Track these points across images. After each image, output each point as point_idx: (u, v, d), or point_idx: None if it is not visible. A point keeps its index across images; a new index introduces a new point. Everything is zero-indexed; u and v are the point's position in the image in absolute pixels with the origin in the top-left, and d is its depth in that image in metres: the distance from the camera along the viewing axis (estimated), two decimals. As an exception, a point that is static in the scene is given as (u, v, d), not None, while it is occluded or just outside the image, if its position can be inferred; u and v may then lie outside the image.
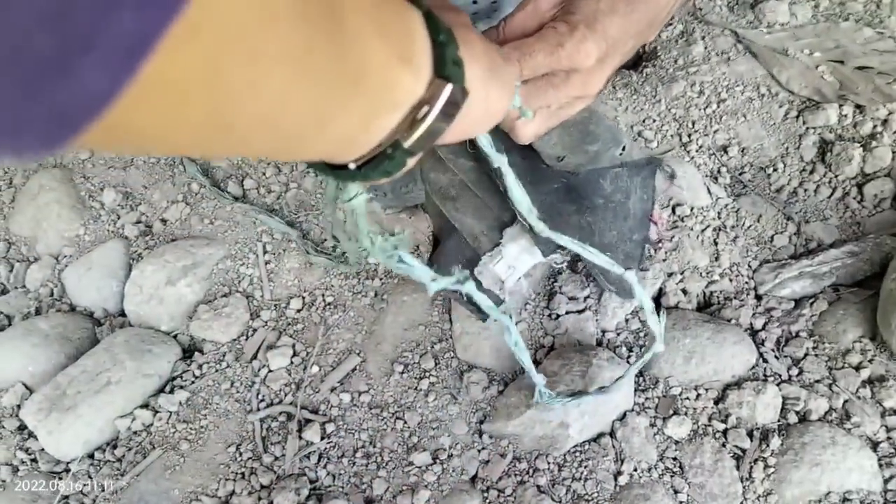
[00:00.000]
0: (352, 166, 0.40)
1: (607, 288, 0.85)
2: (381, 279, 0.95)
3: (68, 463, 0.85)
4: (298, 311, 0.94)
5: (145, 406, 0.87)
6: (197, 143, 0.26)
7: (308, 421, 0.85)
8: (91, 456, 0.85)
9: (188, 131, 0.24)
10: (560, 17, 0.57)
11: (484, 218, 0.80)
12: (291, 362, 0.89)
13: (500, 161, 0.63)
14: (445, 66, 0.38)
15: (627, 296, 0.85)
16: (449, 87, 0.38)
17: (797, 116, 1.03)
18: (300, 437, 0.83)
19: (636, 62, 1.15)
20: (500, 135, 0.70)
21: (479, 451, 0.81)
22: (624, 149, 0.81)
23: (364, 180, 0.41)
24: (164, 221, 1.03)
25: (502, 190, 0.72)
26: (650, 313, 0.72)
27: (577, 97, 0.60)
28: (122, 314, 0.97)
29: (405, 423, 0.83)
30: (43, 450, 0.85)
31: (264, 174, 1.06)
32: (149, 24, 0.18)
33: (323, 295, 0.94)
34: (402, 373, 0.87)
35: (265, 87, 0.25)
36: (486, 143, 0.62)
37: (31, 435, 0.86)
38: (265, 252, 0.98)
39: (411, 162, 0.42)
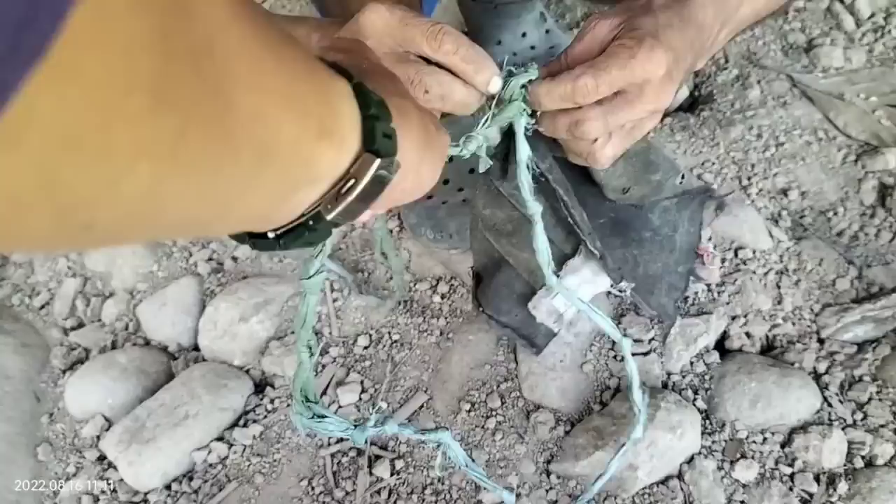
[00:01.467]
0: (270, 235, 0.38)
1: (649, 312, 0.87)
2: (446, 318, 0.97)
3: (146, 494, 0.88)
4: (366, 348, 0.96)
5: (220, 439, 0.90)
6: (55, 244, 0.25)
7: (378, 457, 0.87)
8: (168, 487, 0.88)
9: (38, 236, 0.22)
10: (624, 35, 0.58)
11: None
12: (360, 398, 0.92)
13: (535, 209, 0.65)
14: (375, 140, 0.37)
15: (669, 319, 0.88)
16: (377, 162, 0.36)
17: (856, 160, 1.04)
18: (370, 473, 0.86)
19: (692, 105, 1.17)
20: (560, 167, 0.72)
21: (546, 490, 0.82)
22: (683, 177, 0.83)
23: (284, 249, 0.39)
24: (234, 259, 1.06)
25: (572, 222, 0.74)
26: (636, 389, 0.74)
27: (651, 112, 0.60)
28: (196, 348, 1.00)
29: (474, 460, 0.85)
30: (122, 480, 0.88)
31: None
32: None
33: (389, 332, 0.97)
34: (469, 411, 0.89)
35: (125, 185, 0.22)
36: (525, 188, 0.63)
37: (111, 465, 0.90)
38: (332, 290, 1.01)
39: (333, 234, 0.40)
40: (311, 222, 0.37)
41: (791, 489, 0.80)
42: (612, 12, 0.61)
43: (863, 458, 0.82)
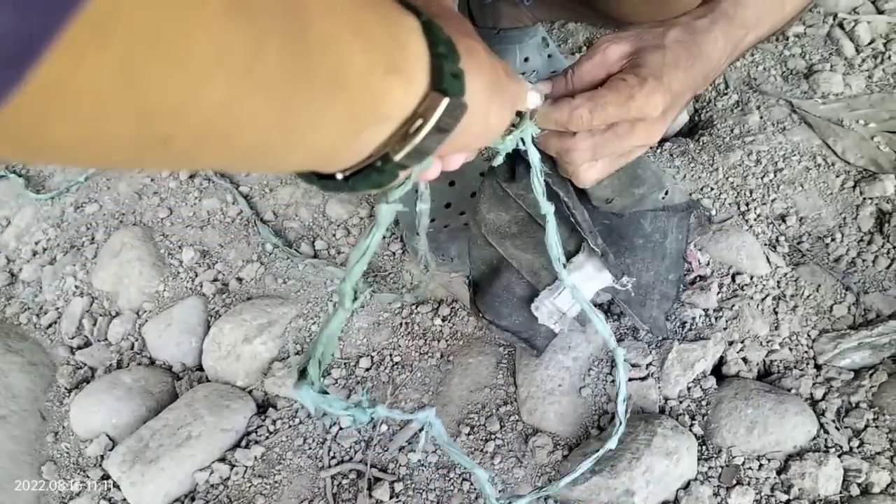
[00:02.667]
0: (339, 176, 0.38)
1: (641, 327, 0.88)
2: (446, 341, 0.99)
3: (149, 513, 0.89)
4: (367, 369, 0.97)
5: (223, 460, 0.91)
6: (132, 157, 0.25)
7: (378, 479, 0.88)
8: (170, 507, 0.89)
9: (117, 145, 0.23)
10: (629, 70, 0.59)
11: (546, 252, 0.82)
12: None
13: (547, 209, 0.66)
14: (444, 79, 0.37)
15: (661, 333, 0.89)
16: (445, 102, 0.36)
17: (854, 186, 1.05)
18: (370, 496, 0.87)
19: (692, 130, 1.18)
20: (563, 183, 0.74)
21: (544, 514, 0.83)
22: (666, 193, 0.84)
23: (352, 191, 0.39)
24: (239, 280, 1.08)
25: (574, 221, 0.76)
26: (621, 399, 0.75)
27: (639, 146, 0.62)
28: (200, 368, 1.02)
29: (471, 484, 0.86)
30: (125, 500, 0.89)
31: (334, 236, 1.11)
32: (31, 27, 0.16)
33: (391, 354, 0.98)
34: (469, 434, 0.90)
35: (203, 96, 0.23)
36: (538, 191, 0.65)
37: (115, 485, 0.91)
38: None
39: (404, 174, 0.40)
40: (379, 163, 0.37)
41: (787, 516, 0.80)
42: (626, 37, 0.61)
43: (859, 485, 0.82)
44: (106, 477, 0.92)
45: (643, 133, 0.59)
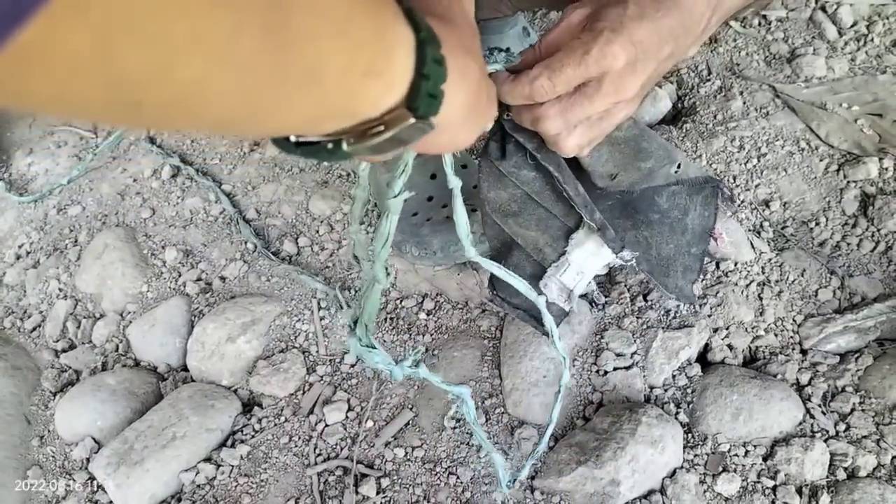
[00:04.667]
0: (292, 138, 0.39)
1: (667, 295, 0.86)
2: (431, 335, 0.98)
3: (135, 515, 0.88)
4: (352, 366, 0.97)
5: (208, 460, 0.91)
6: (105, 115, 0.26)
7: (364, 475, 0.88)
8: (157, 508, 0.89)
9: (92, 103, 0.24)
10: (586, 28, 0.58)
11: (548, 228, 0.80)
12: (347, 417, 0.93)
13: (454, 183, 0.65)
14: (418, 98, 0.37)
15: (688, 301, 0.88)
16: (411, 121, 0.37)
17: (838, 170, 1.05)
18: (357, 492, 0.86)
19: (675, 117, 1.18)
20: (553, 157, 0.73)
21: (531, 506, 0.83)
22: (679, 166, 0.82)
23: (300, 156, 0.40)
24: (223, 279, 1.07)
25: (566, 195, 0.74)
26: (557, 340, 0.75)
27: (614, 103, 0.60)
28: (185, 369, 1.01)
29: (458, 478, 0.86)
30: (111, 502, 0.89)
31: (317, 232, 1.10)
32: None
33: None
34: (454, 428, 0.89)
35: (175, 73, 0.24)
36: (448, 163, 0.64)
37: (101, 488, 0.90)
38: (320, 308, 1.01)
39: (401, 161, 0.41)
40: (330, 146, 0.38)
41: (773, 502, 0.80)
42: (590, 0, 0.61)
43: (845, 469, 0.82)
44: (92, 479, 0.92)
45: (611, 88, 0.58)
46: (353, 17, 0.32)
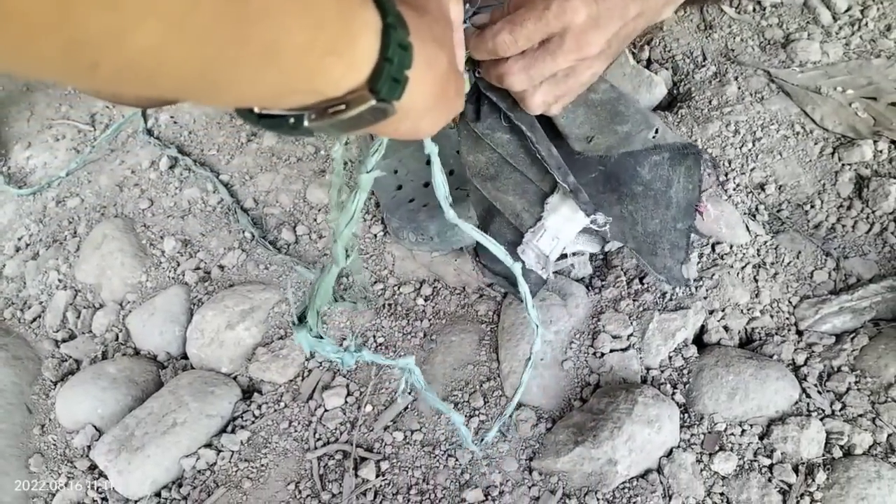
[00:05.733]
0: (256, 110, 0.39)
1: (657, 277, 0.86)
2: (429, 320, 0.99)
3: (137, 502, 0.89)
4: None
5: (209, 446, 0.91)
6: (64, 75, 0.26)
7: (363, 459, 0.88)
8: (158, 495, 0.89)
9: (49, 62, 0.24)
10: None
11: (525, 193, 0.80)
12: (346, 402, 0.93)
13: (430, 148, 0.64)
14: (379, 81, 0.38)
15: (677, 283, 0.88)
16: (371, 103, 0.38)
17: (832, 153, 1.05)
18: (356, 475, 0.87)
19: (671, 103, 1.18)
20: (526, 117, 0.73)
21: (529, 487, 0.83)
22: (657, 131, 0.80)
23: (262, 129, 0.41)
24: (221, 268, 1.08)
25: (539, 157, 0.74)
26: (531, 307, 0.75)
27: (579, 59, 0.60)
28: (185, 357, 1.02)
29: (457, 460, 0.86)
30: (113, 489, 0.89)
31: (315, 220, 1.11)
32: None
33: (374, 336, 0.98)
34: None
35: (131, 39, 0.25)
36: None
37: (102, 475, 0.91)
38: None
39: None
40: (292, 120, 0.38)
41: (770, 480, 0.80)
42: None
43: (841, 447, 0.82)
44: (93, 467, 0.93)
45: (573, 44, 0.58)
46: (318, 1, 0.32)
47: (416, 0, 0.44)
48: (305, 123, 0.38)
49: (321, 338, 0.61)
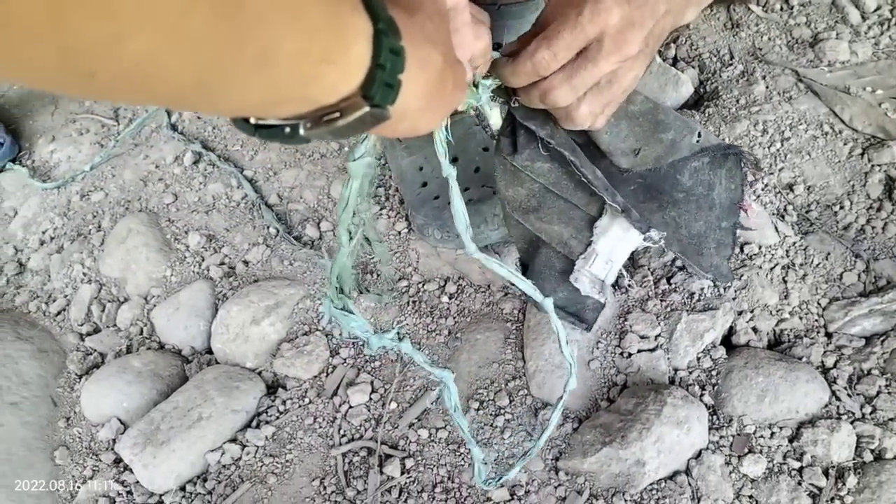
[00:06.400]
0: (252, 120, 0.39)
1: (703, 276, 0.85)
2: (454, 318, 0.98)
3: (162, 495, 0.89)
4: (376, 348, 0.97)
5: (234, 441, 0.91)
6: (58, 84, 0.27)
7: (388, 456, 0.88)
8: (183, 489, 0.89)
9: (45, 71, 0.25)
10: None
11: (571, 220, 0.80)
12: (370, 398, 0.93)
13: (448, 171, 0.64)
14: (373, 87, 0.38)
15: (724, 280, 0.87)
16: (366, 109, 0.38)
17: (862, 154, 1.04)
18: (381, 472, 0.87)
19: (698, 102, 1.17)
20: (571, 136, 0.73)
21: (555, 487, 0.83)
22: (700, 135, 0.80)
23: (258, 139, 0.41)
24: (246, 263, 1.08)
25: (585, 180, 0.73)
26: (564, 345, 0.73)
27: (620, 61, 0.59)
28: (209, 352, 1.02)
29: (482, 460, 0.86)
30: (138, 482, 0.90)
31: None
32: None
33: (398, 333, 0.98)
34: (478, 409, 0.90)
35: (126, 46, 0.25)
36: (441, 152, 0.63)
37: (127, 468, 0.91)
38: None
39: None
40: (288, 129, 0.38)
41: (800, 483, 0.80)
42: None
43: (872, 451, 0.82)
44: (118, 460, 0.93)
45: (612, 46, 0.57)
46: (309, 5, 0.32)
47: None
48: (301, 132, 0.38)
49: (349, 312, 0.61)
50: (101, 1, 0.23)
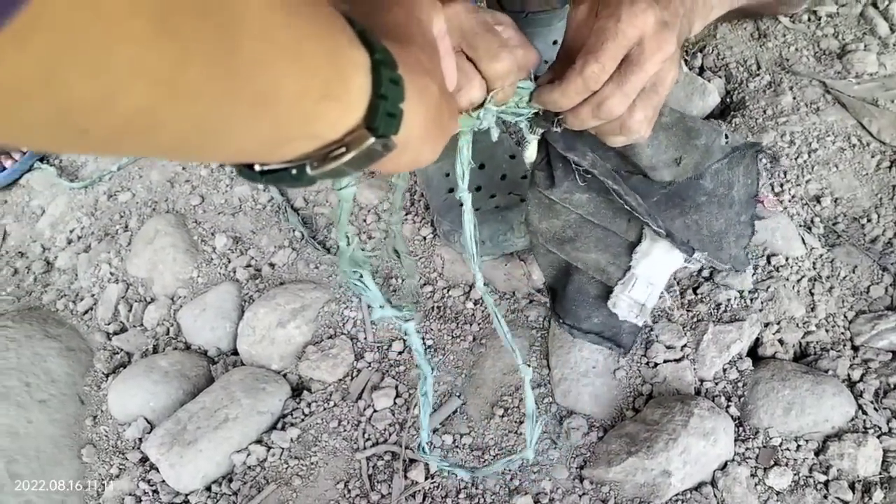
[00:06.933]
0: (257, 168, 0.39)
1: (721, 267, 0.86)
2: (479, 324, 0.99)
3: (187, 495, 0.90)
4: (400, 353, 0.98)
5: (259, 442, 0.92)
6: (54, 142, 0.26)
7: (412, 461, 0.89)
8: (208, 489, 0.90)
9: (38, 131, 0.24)
10: (603, 8, 0.59)
11: (609, 247, 0.81)
12: (395, 403, 0.93)
13: (465, 197, 0.65)
14: (377, 118, 0.38)
15: (742, 267, 0.89)
16: (371, 140, 0.38)
17: (890, 167, 1.04)
18: (405, 477, 0.87)
19: (724, 111, 1.17)
20: (601, 153, 0.73)
21: (580, 496, 0.83)
22: (727, 136, 0.81)
23: (265, 184, 0.40)
24: (272, 265, 1.09)
25: (629, 208, 0.74)
26: (530, 417, 0.75)
27: (662, 62, 0.60)
28: (234, 353, 1.03)
29: (506, 465, 0.86)
30: (164, 482, 0.91)
31: (365, 221, 1.11)
32: None
33: (423, 338, 0.98)
34: (503, 416, 0.90)
35: (120, 103, 0.24)
36: (459, 174, 0.64)
37: (153, 467, 0.92)
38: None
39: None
40: (294, 171, 0.38)
41: (826, 497, 0.80)
42: None
43: (898, 466, 0.81)
44: (144, 459, 0.94)
45: (654, 45, 0.58)
46: (306, 43, 0.32)
47: (398, 32, 0.44)
48: (308, 172, 0.38)
49: (364, 285, 0.59)
50: (94, 58, 0.22)
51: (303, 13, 0.32)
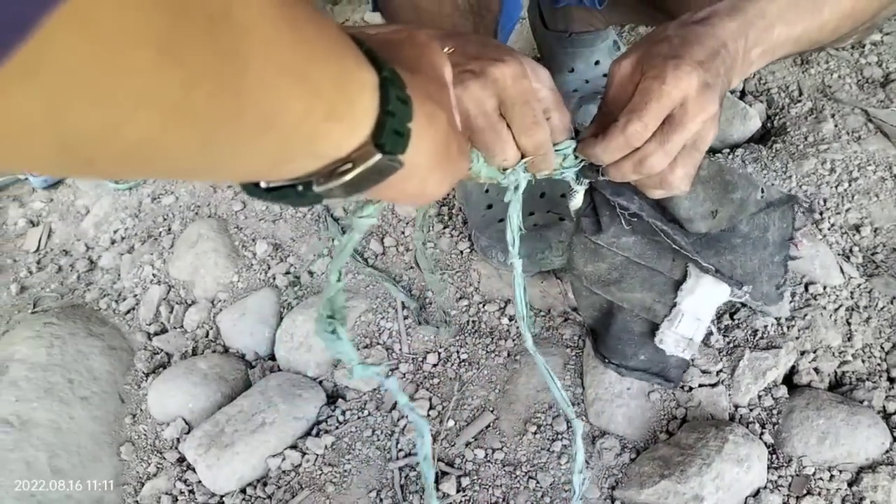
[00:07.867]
0: (262, 185, 0.39)
1: (754, 305, 0.88)
2: (513, 340, 1.00)
3: (223, 496, 0.92)
4: (434, 365, 0.99)
5: (294, 447, 0.94)
6: (60, 171, 0.26)
7: (444, 473, 0.90)
8: (243, 491, 0.92)
9: (44, 162, 0.24)
10: (648, 68, 0.60)
11: (654, 286, 0.83)
12: (428, 415, 0.95)
13: (515, 261, 0.67)
14: (384, 135, 0.38)
15: (774, 303, 0.89)
16: (378, 157, 0.38)
17: (932, 198, 1.03)
18: (437, 489, 0.88)
19: (764, 136, 1.18)
20: (647, 210, 0.75)
21: (610, 515, 0.84)
22: (763, 191, 0.83)
23: (271, 202, 0.40)
24: (311, 273, 1.11)
25: (678, 247, 0.76)
26: (577, 472, 0.75)
27: (703, 122, 0.61)
28: (272, 358, 1.05)
29: (538, 482, 0.87)
30: (200, 482, 0.93)
31: (403, 233, 1.13)
32: None
33: (458, 352, 1.00)
34: (535, 433, 0.91)
35: (125, 132, 0.24)
36: (510, 240, 0.66)
37: (190, 467, 0.94)
38: (404, 307, 1.04)
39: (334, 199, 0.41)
40: (300, 188, 0.38)
41: (858, 528, 0.79)
42: (630, 50, 0.63)
43: (933, 501, 0.81)
44: (182, 459, 0.96)
45: (698, 108, 0.59)
46: (313, 64, 0.32)
47: (406, 61, 0.44)
48: (315, 189, 0.38)
49: (338, 337, 0.55)
50: (99, 90, 0.22)
51: (309, 34, 0.32)
